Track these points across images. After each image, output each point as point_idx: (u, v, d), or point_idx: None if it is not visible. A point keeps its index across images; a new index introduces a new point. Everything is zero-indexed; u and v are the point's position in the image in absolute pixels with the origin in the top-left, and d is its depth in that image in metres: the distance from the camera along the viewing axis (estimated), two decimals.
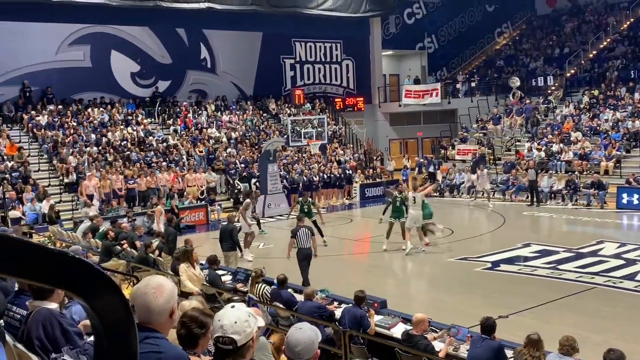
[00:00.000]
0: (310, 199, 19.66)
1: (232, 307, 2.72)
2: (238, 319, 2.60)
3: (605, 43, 34.19)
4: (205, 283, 10.54)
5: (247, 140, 28.34)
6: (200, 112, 29.58)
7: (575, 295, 11.83)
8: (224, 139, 27.80)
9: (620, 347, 6.37)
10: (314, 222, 17.13)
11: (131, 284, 10.62)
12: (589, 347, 7.00)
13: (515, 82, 32.15)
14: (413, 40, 38.68)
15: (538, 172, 23.60)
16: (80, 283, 1.12)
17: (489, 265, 14.51)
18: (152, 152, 25.26)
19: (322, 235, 16.98)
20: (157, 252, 13.70)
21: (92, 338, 4.40)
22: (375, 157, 30.82)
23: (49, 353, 3.65)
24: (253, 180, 24.89)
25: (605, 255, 14.97)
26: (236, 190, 24.54)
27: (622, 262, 14.18)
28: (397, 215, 16.44)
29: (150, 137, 26.37)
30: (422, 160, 30.74)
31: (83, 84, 27.48)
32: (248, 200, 17.89)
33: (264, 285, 9.99)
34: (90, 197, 21.24)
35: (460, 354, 7.65)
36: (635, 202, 21.57)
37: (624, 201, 21.80)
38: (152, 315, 2.58)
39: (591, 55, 33.76)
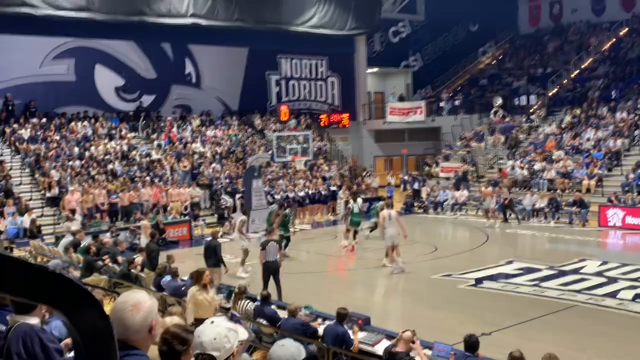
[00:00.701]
0: (290, 213, 19.83)
1: (212, 322, 2.69)
2: (217, 335, 2.59)
3: (587, 63, 34.68)
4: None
5: (231, 156, 28.28)
6: (184, 126, 29.51)
7: (557, 313, 11.87)
8: (209, 154, 27.72)
9: None
10: (287, 237, 17.56)
11: (112, 299, 10.48)
12: None
13: (497, 100, 32.49)
14: (398, 58, 39.00)
15: (510, 190, 23.79)
16: (61, 298, 1.10)
17: (473, 282, 14.53)
18: (135, 167, 25.12)
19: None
20: (139, 267, 13.57)
21: (72, 354, 4.33)
22: (366, 174, 30.83)
23: None
24: (237, 196, 24.81)
25: (588, 273, 15.06)
26: (222, 206, 24.44)
27: (603, 280, 14.27)
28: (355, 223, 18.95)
29: (134, 152, 26.23)
30: (406, 177, 30.85)
31: (67, 98, 27.34)
32: (244, 217, 17.99)
33: (247, 302, 9.91)
34: (73, 211, 21.02)
35: None
36: (617, 220, 21.77)
37: (607, 219, 22.00)
38: (130, 333, 2.55)
39: (573, 75, 34.20)
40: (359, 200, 20.70)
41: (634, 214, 21.56)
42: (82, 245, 15.96)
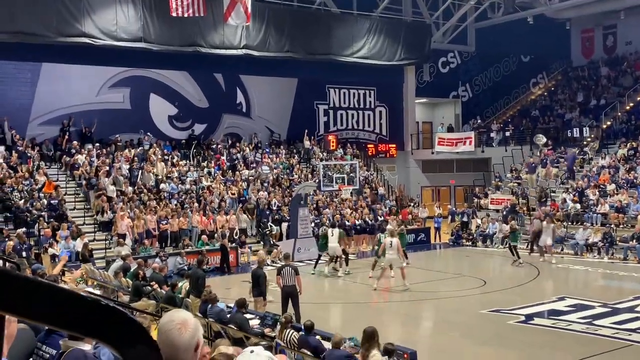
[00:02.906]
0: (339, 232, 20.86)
1: (252, 352, 2.69)
2: None
3: None
4: (232, 327, 10.44)
5: (279, 184, 28.46)
6: (234, 153, 29.84)
7: (611, 352, 11.44)
8: (258, 182, 27.98)
9: None
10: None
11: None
12: None
13: (541, 139, 31.78)
14: (447, 88, 38.84)
15: (543, 221, 23.10)
16: (112, 332, 1.10)
17: (523, 318, 14.16)
18: (185, 193, 25.53)
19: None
20: (183, 292, 13.74)
21: None
22: (414, 204, 30.60)
23: None
24: (284, 224, 24.94)
25: None
26: (267, 232, 24.61)
27: None
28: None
29: (185, 178, 26.69)
30: (454, 208, 30.45)
31: (122, 125, 28.10)
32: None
33: (292, 332, 9.89)
34: (123, 236, 21.45)
35: None
36: None
37: None
38: (179, 353, 2.55)
39: (628, 107, 33.41)
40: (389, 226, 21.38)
41: None
42: (131, 270, 16.24)
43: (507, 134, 34.75)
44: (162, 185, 25.54)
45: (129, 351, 1.11)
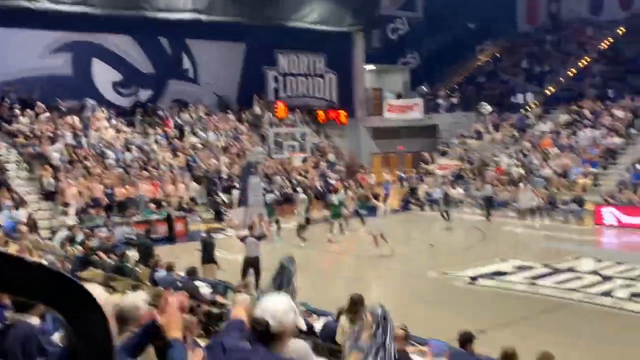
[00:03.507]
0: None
1: (279, 295, 2.82)
2: (279, 308, 2.69)
3: (584, 61, 34.69)
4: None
5: (228, 151, 28.21)
6: (181, 121, 29.39)
7: (552, 311, 11.91)
8: (206, 149, 27.67)
9: None
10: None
11: (111, 294, 10.48)
12: None
13: (486, 107, 32.36)
14: (396, 55, 38.95)
15: (494, 187, 24.01)
16: (62, 299, 1.08)
17: (468, 279, 14.57)
18: (132, 161, 25.07)
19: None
20: (132, 261, 13.63)
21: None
22: (363, 171, 30.84)
23: None
24: (235, 192, 24.81)
25: (582, 271, 15.11)
26: (219, 201, 24.45)
27: (599, 278, 14.32)
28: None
29: (131, 146, 26.17)
30: (402, 174, 30.85)
31: (64, 91, 27.24)
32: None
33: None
34: (69, 205, 20.99)
35: None
36: (612, 219, 21.83)
37: (602, 218, 22.06)
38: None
39: (571, 74, 34.23)
40: (341, 192, 21.57)
41: (628, 213, 21.61)
42: (77, 240, 15.98)
43: (454, 100, 35.19)
44: (107, 153, 25.00)
45: (77, 318, 1.09)
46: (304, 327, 3.16)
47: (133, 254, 14.32)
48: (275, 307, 2.68)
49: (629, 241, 20.32)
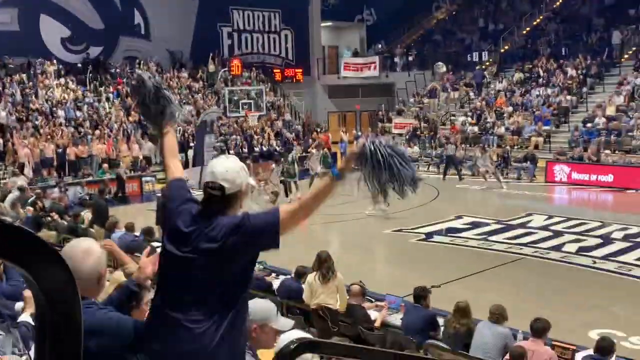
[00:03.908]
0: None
1: (227, 157, 2.76)
2: (230, 169, 2.64)
3: (538, 20, 34.99)
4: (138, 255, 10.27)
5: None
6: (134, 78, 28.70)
7: (504, 266, 12.24)
8: None
9: (546, 315, 6.64)
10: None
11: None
12: (517, 316, 7.25)
13: (441, 67, 32.42)
14: (352, 12, 38.60)
15: (457, 146, 24.22)
16: (21, 253, 1.06)
17: (423, 236, 14.81)
18: (83, 120, 24.44)
19: None
20: (87, 222, 13.39)
21: (23, 317, 4.22)
22: (320, 130, 30.69)
23: None
24: (189, 152, 24.49)
25: (534, 227, 15.50)
26: None
27: (549, 233, 14.72)
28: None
29: (82, 104, 25.48)
30: (358, 133, 30.87)
31: (10, 48, 26.22)
32: (274, 165, 20.56)
33: None
34: (22, 166, 20.44)
35: (394, 322, 7.80)
36: (563, 175, 22.37)
37: (554, 175, 22.58)
38: (80, 281, 2.49)
39: (524, 32, 34.51)
40: (294, 150, 21.66)
41: (579, 170, 22.17)
42: (29, 201, 15.59)
43: (410, 58, 35.19)
44: (58, 112, 24.29)
45: (40, 273, 1.08)
46: (255, 184, 3.18)
47: (87, 215, 14.05)
48: (225, 169, 2.63)
49: (579, 197, 20.89)
